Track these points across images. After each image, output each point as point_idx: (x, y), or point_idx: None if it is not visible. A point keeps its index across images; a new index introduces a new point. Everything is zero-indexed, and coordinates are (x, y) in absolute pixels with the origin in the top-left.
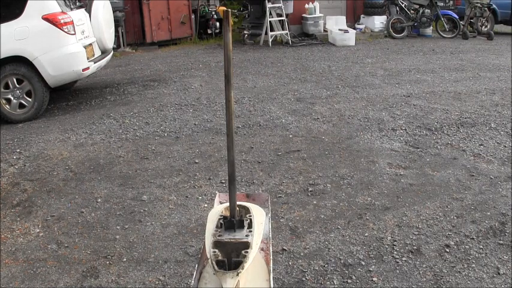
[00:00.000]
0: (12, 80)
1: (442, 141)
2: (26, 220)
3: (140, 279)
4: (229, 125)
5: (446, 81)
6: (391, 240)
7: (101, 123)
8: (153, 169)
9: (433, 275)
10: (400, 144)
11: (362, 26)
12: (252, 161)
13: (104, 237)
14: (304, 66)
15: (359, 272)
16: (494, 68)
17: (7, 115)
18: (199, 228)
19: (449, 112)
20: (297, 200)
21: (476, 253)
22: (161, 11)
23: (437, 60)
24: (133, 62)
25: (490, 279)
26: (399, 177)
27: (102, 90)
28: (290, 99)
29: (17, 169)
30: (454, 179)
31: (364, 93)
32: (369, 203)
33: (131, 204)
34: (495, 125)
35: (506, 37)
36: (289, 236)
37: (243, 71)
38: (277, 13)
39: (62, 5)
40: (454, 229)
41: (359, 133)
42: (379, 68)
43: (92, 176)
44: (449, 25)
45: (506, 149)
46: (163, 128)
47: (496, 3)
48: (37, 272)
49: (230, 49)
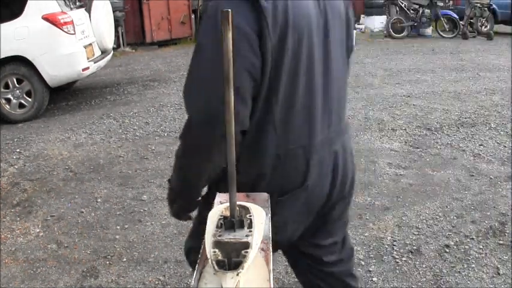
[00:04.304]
0: (12, 80)
1: (441, 141)
2: (25, 220)
3: (140, 279)
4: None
5: (446, 81)
6: (391, 240)
7: (100, 123)
8: (153, 169)
9: (432, 275)
10: (400, 144)
11: (362, 26)
12: None
13: (104, 237)
14: None
15: (359, 271)
16: (494, 68)
17: (7, 115)
18: None
19: (449, 112)
20: None
21: (476, 253)
22: (161, 11)
23: (437, 60)
24: (133, 62)
25: (490, 279)
26: (399, 177)
27: (102, 90)
28: None
29: (16, 169)
30: (453, 179)
31: (364, 93)
32: (369, 203)
33: (131, 204)
34: (495, 125)
35: (506, 37)
36: None
37: None
38: None
39: (62, 5)
40: (453, 229)
41: (359, 133)
42: (379, 68)
43: (91, 176)
44: (449, 25)
45: (506, 149)
46: (163, 128)
47: (496, 3)
48: (37, 272)
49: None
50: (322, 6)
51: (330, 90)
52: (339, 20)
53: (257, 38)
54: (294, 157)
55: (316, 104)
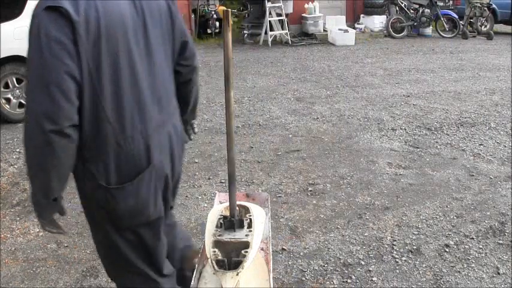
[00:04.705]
0: (11, 80)
1: (441, 141)
2: (25, 220)
3: None
4: (229, 125)
5: (446, 81)
6: (391, 240)
7: None
8: None
9: (432, 274)
10: (399, 144)
11: (362, 26)
12: (252, 160)
13: None
14: (304, 66)
15: (359, 271)
16: (494, 67)
17: (7, 115)
18: (199, 228)
19: (449, 112)
20: (296, 199)
21: (476, 253)
22: None
23: (437, 60)
24: None
25: (490, 279)
26: (399, 177)
27: None
28: (290, 99)
29: (16, 169)
30: (453, 179)
31: (364, 92)
32: (369, 202)
33: None
34: (495, 124)
35: (506, 37)
36: (288, 235)
37: (243, 71)
38: (276, 13)
39: None
40: (453, 229)
41: (359, 133)
42: (379, 68)
43: None
44: (449, 25)
45: (506, 148)
46: None
47: (495, 3)
48: (37, 271)
49: (230, 49)
50: (138, 7)
51: (156, 80)
52: (159, 18)
53: (74, 46)
54: (134, 142)
55: (143, 95)
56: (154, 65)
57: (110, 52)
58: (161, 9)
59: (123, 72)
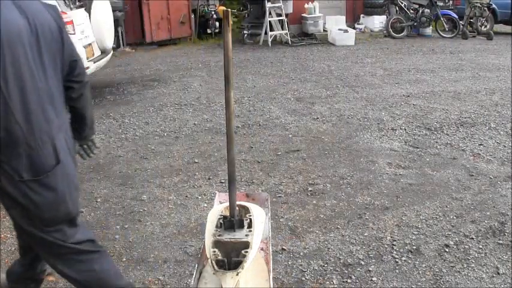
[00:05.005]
0: None
1: (441, 141)
2: None
3: (140, 278)
4: (229, 125)
5: (446, 81)
6: (391, 240)
7: (100, 123)
8: (152, 169)
9: (432, 274)
10: (399, 144)
11: (362, 26)
12: (252, 160)
13: (104, 237)
14: (304, 66)
15: (358, 271)
16: (493, 67)
17: None
18: (199, 228)
19: (449, 112)
20: (296, 199)
21: (475, 253)
22: (161, 11)
23: (436, 60)
24: (133, 62)
25: (490, 279)
26: (399, 177)
27: (102, 90)
28: (290, 99)
29: None
30: (453, 179)
31: (364, 93)
32: (369, 202)
33: (131, 204)
34: (495, 124)
35: (506, 37)
36: (288, 235)
37: (243, 71)
38: (276, 13)
39: (62, 5)
40: (453, 229)
41: (358, 133)
42: (379, 68)
43: (91, 176)
44: (449, 25)
45: (505, 148)
46: (163, 128)
47: (495, 3)
48: None
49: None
50: (33, 25)
51: (51, 89)
52: (51, 38)
53: None
54: (43, 142)
55: (43, 100)
56: (47, 78)
57: (12, 63)
58: (52, 31)
59: (27, 83)
